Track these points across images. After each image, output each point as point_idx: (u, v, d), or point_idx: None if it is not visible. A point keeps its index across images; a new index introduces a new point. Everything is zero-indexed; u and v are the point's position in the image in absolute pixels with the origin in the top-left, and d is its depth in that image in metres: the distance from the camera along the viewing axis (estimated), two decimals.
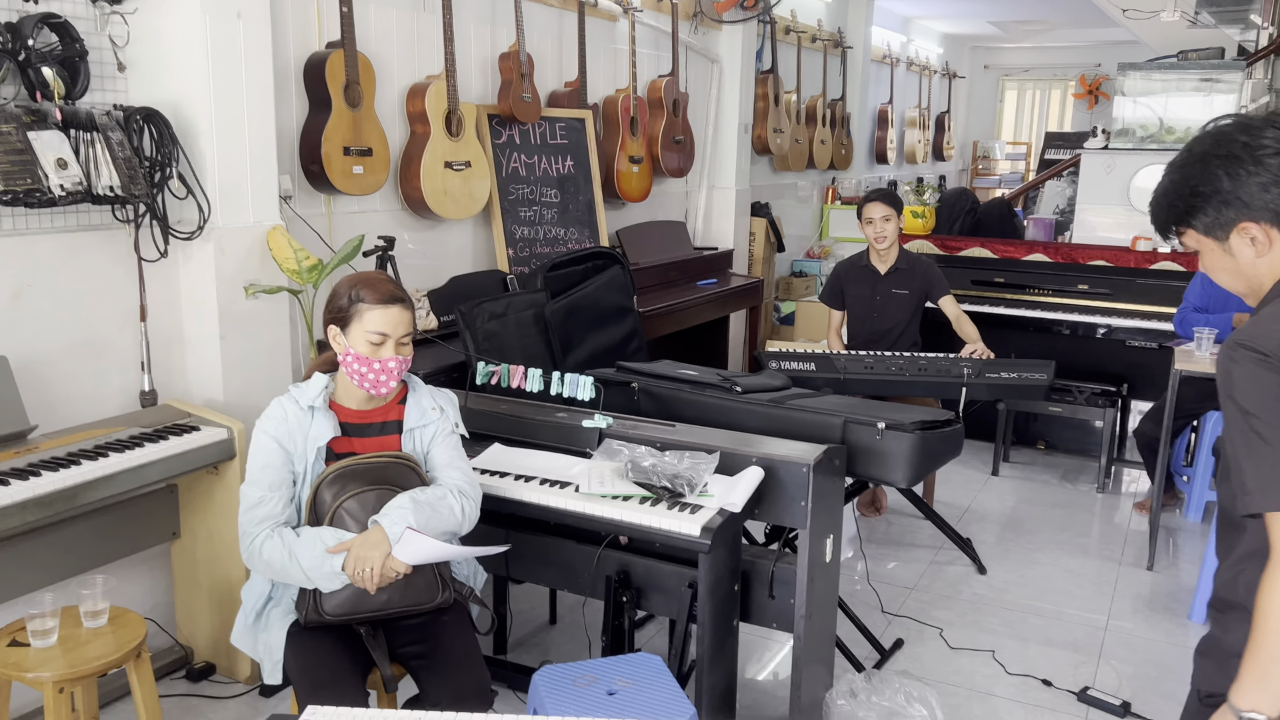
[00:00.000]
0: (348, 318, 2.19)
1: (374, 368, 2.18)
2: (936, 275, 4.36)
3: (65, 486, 2.40)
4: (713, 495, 2.47)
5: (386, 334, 2.17)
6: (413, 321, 2.24)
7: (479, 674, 2.15)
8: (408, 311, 2.22)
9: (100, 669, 2.19)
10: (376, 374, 2.18)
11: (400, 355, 2.20)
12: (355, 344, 2.18)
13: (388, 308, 2.18)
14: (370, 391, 2.22)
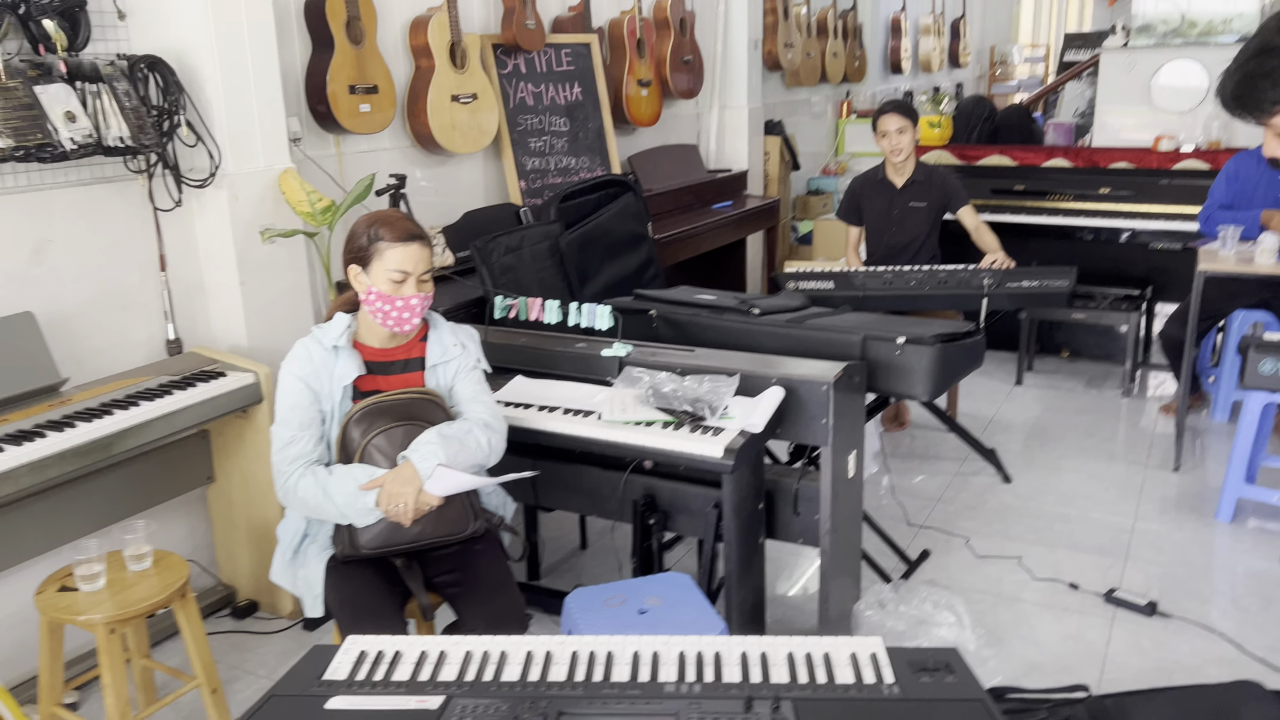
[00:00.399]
0: (368, 256, 2.20)
1: (396, 305, 2.20)
2: (954, 186, 4.31)
3: (100, 436, 2.45)
4: (734, 417, 2.49)
5: (407, 271, 2.18)
6: (431, 257, 2.25)
7: (513, 599, 2.21)
8: (426, 248, 2.23)
9: (148, 609, 2.27)
10: (399, 311, 2.20)
11: (421, 292, 2.22)
12: (377, 282, 2.19)
13: (407, 245, 2.19)
14: (394, 329, 2.24)
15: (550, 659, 1.50)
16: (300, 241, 3.19)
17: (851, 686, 1.39)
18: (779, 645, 1.52)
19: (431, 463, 2.12)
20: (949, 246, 4.47)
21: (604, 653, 1.52)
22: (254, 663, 2.90)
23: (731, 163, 5.99)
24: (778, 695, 1.34)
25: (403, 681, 1.45)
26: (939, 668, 1.43)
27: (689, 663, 1.48)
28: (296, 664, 1.52)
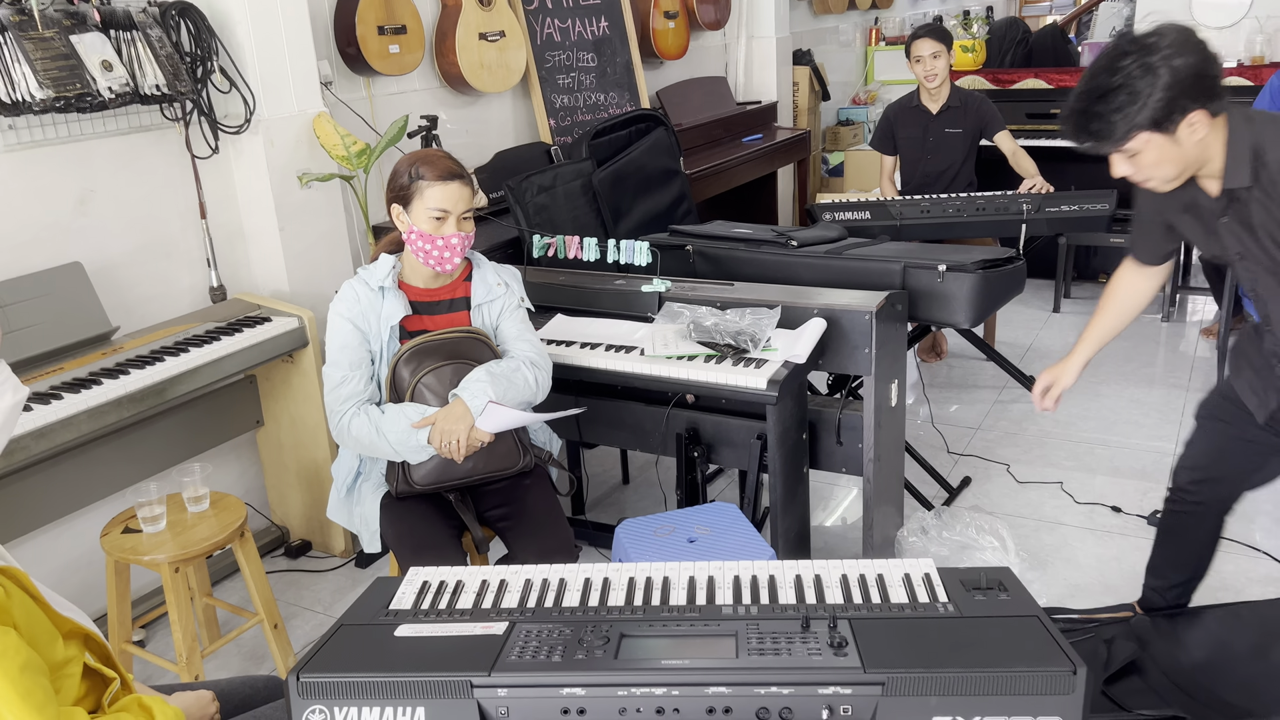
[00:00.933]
0: (409, 195, 2.21)
1: (438, 244, 2.21)
2: (990, 111, 4.23)
3: (154, 382, 2.50)
4: (776, 349, 2.50)
5: (447, 210, 2.19)
6: (473, 196, 2.25)
7: (563, 531, 2.25)
8: (467, 187, 2.23)
9: (209, 549, 2.33)
10: (440, 250, 2.22)
11: (462, 231, 2.23)
12: (418, 221, 2.21)
13: (447, 184, 2.19)
14: (436, 268, 2.26)
15: (608, 585, 1.54)
16: (336, 185, 3.20)
17: (906, 606, 1.41)
18: (832, 568, 1.55)
19: (482, 400, 2.15)
20: (985, 173, 4.41)
21: (660, 578, 1.56)
22: (310, 599, 2.98)
23: (760, 94, 5.91)
24: (834, 615, 1.37)
25: (466, 609, 1.49)
26: (992, 586, 1.45)
27: (744, 586, 1.51)
28: (361, 595, 1.57)
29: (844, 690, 1.24)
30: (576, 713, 1.27)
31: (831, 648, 1.29)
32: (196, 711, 1.65)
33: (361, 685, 1.30)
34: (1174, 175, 1.85)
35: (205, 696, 1.68)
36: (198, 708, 1.65)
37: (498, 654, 1.33)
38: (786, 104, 6.10)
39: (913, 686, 1.23)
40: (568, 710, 1.27)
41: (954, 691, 1.22)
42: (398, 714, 1.29)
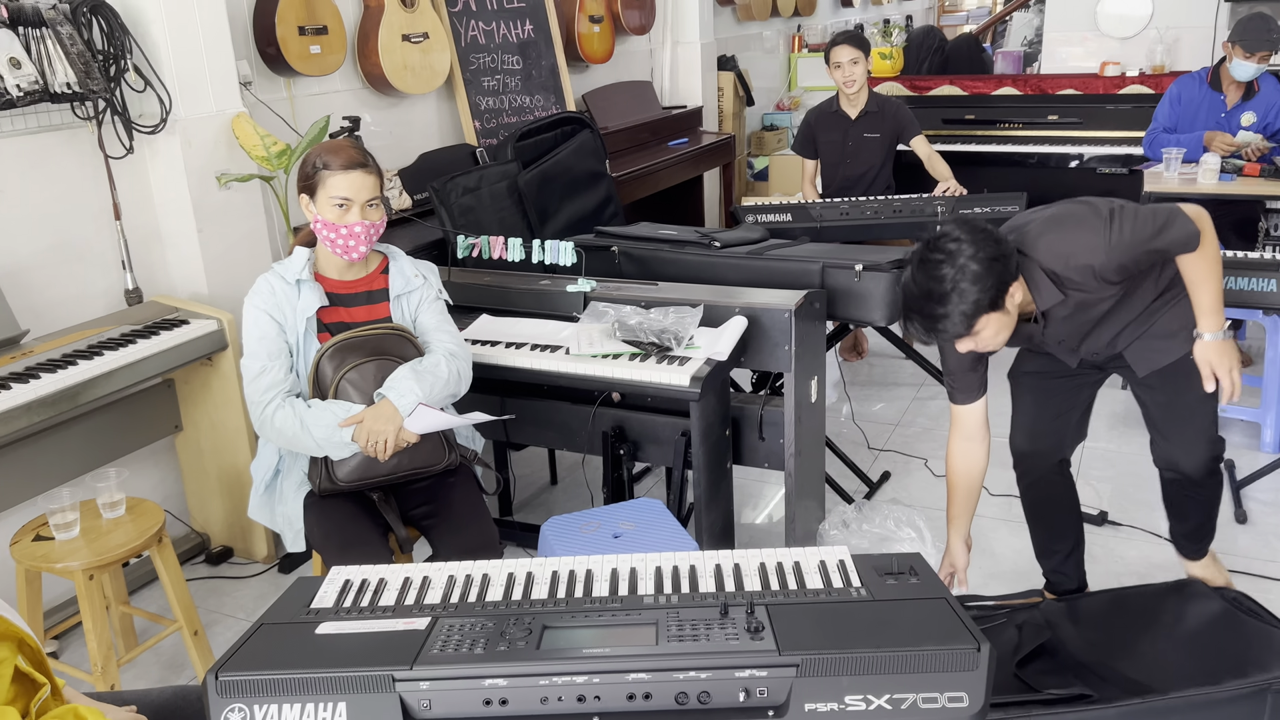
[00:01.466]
0: (314, 185, 2.21)
1: (341, 232, 2.20)
2: (907, 116, 4.34)
3: (66, 386, 2.44)
4: (699, 347, 2.55)
5: (350, 198, 2.19)
6: (378, 185, 2.25)
7: (487, 529, 2.26)
8: (371, 175, 2.23)
9: (124, 555, 2.29)
10: (345, 239, 2.21)
11: (367, 220, 2.22)
12: (323, 210, 2.20)
13: (349, 172, 2.19)
14: (343, 256, 2.25)
15: (532, 579, 1.56)
16: (257, 186, 3.16)
17: (821, 591, 1.46)
18: (751, 557, 1.59)
19: (411, 400, 2.16)
20: (902, 177, 4.53)
21: (583, 571, 1.58)
22: (232, 606, 2.93)
23: (686, 99, 5.97)
24: (751, 601, 1.40)
25: (389, 606, 1.50)
26: (903, 571, 1.51)
27: (666, 577, 1.54)
28: (282, 595, 1.56)
29: (760, 673, 1.27)
30: (499, 703, 1.28)
31: (748, 632, 1.33)
32: None
33: (282, 683, 1.29)
34: (1007, 336, 2.11)
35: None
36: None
37: (420, 648, 1.34)
38: (712, 109, 6.18)
39: (826, 667, 1.27)
40: (490, 701, 1.28)
41: (865, 671, 1.27)
42: (319, 710, 1.29)
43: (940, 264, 1.98)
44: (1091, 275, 2.08)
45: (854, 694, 1.26)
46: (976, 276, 1.96)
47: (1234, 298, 3.09)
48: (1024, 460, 2.52)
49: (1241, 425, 3.76)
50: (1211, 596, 2.38)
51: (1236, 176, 3.97)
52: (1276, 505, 3.22)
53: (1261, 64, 3.99)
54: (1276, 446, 3.57)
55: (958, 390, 2.33)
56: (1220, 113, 4.21)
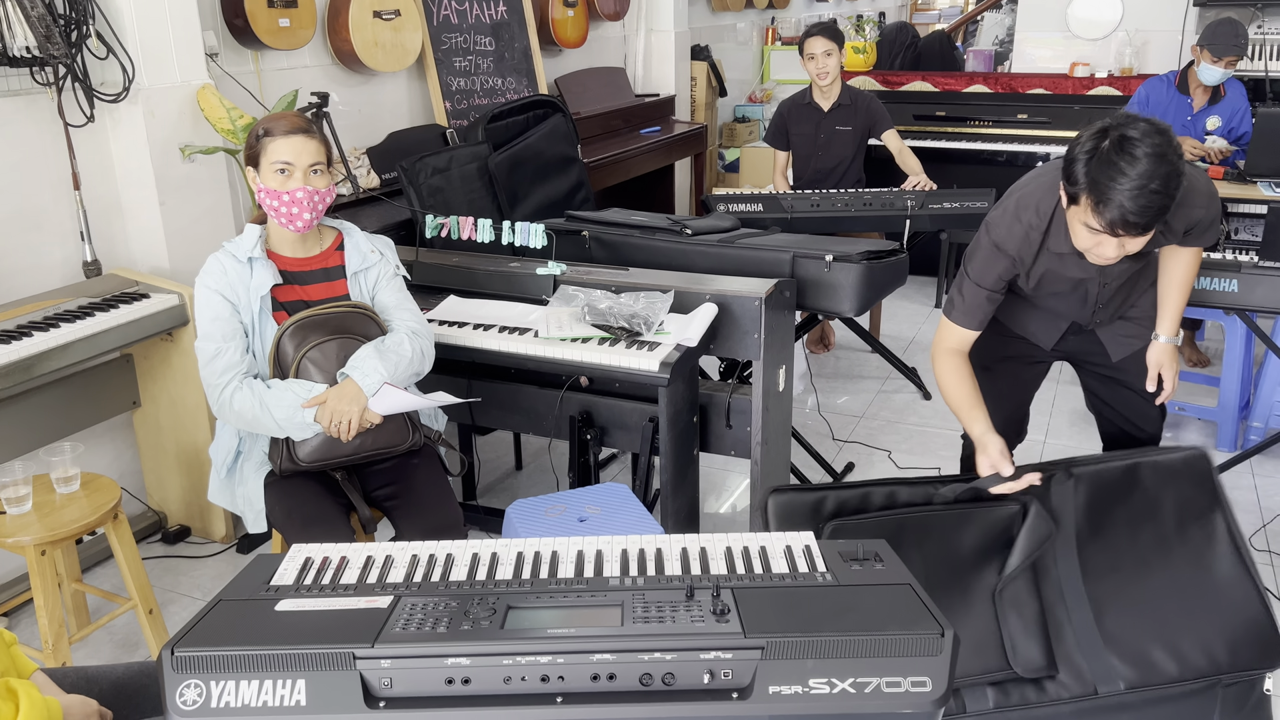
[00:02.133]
0: (257, 154, 2.18)
1: (283, 199, 2.16)
2: (879, 110, 4.36)
3: (20, 358, 2.39)
4: (669, 333, 2.54)
5: (290, 162, 2.14)
6: (322, 152, 2.20)
7: (451, 510, 2.24)
8: (314, 140, 2.18)
9: (78, 531, 2.24)
10: (288, 205, 2.17)
11: (310, 185, 2.16)
12: (265, 178, 2.17)
13: (290, 137, 2.15)
14: (287, 226, 2.20)
15: (496, 560, 1.54)
16: (221, 160, 3.10)
17: (787, 575, 1.46)
18: (717, 541, 1.58)
19: (376, 379, 2.13)
20: (872, 171, 4.54)
21: (549, 552, 1.56)
22: (188, 585, 2.89)
23: (659, 87, 5.95)
24: (718, 584, 1.40)
25: (350, 584, 1.47)
26: (868, 557, 1.51)
27: (631, 559, 1.53)
28: (242, 571, 1.53)
29: (725, 655, 1.27)
30: (461, 682, 1.27)
31: (714, 615, 1.32)
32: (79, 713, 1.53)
33: (239, 659, 1.27)
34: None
35: (90, 705, 1.57)
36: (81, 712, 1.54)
37: (382, 626, 1.32)
38: (684, 98, 6.17)
39: (790, 650, 1.27)
40: (452, 680, 1.27)
41: (829, 654, 1.27)
42: (277, 687, 1.27)
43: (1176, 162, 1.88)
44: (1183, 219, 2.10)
45: (818, 677, 1.26)
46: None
47: (1195, 297, 3.13)
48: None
49: (1198, 424, 3.82)
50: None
51: None
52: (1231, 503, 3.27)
53: (1229, 69, 4.05)
54: (1232, 445, 3.63)
55: (966, 313, 2.24)
56: (1186, 115, 4.26)
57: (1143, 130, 1.87)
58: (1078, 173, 1.89)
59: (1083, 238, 1.97)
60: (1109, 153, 1.86)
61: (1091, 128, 1.92)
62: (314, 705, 1.26)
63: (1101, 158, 1.86)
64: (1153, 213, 1.87)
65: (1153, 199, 1.85)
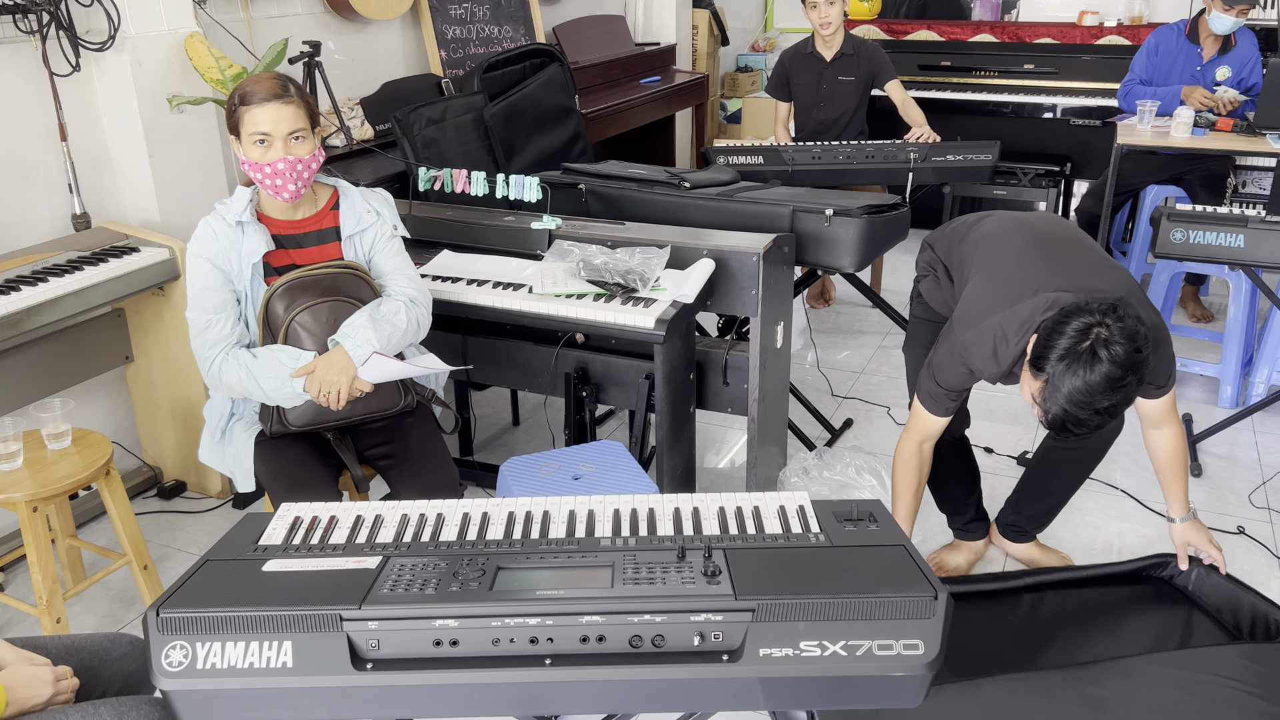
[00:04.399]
0: (236, 123, 2.10)
1: (265, 171, 2.08)
2: (882, 60, 4.28)
3: (8, 313, 2.35)
4: (665, 289, 2.50)
5: (268, 133, 2.05)
6: (303, 117, 2.10)
7: (447, 469, 2.22)
8: (292, 105, 2.07)
9: (70, 487, 2.23)
10: (270, 178, 2.09)
11: (292, 155, 2.08)
12: (246, 150, 2.09)
13: (265, 105, 2.05)
14: (274, 196, 2.13)
15: (487, 519, 1.53)
16: (211, 111, 3.04)
17: (779, 536, 1.44)
18: (710, 501, 1.56)
19: (366, 349, 2.09)
20: (875, 122, 4.47)
21: (540, 512, 1.55)
22: (184, 540, 2.89)
23: (660, 36, 5.85)
24: (709, 545, 1.38)
25: (339, 544, 1.46)
26: (863, 517, 1.49)
27: (624, 519, 1.51)
28: (230, 531, 1.52)
29: (715, 617, 1.26)
30: (449, 644, 1.26)
31: (705, 576, 1.31)
32: (25, 691, 1.44)
33: (225, 620, 1.26)
34: None
35: (43, 676, 1.47)
36: (27, 687, 1.45)
37: (369, 587, 1.30)
38: (685, 47, 6.06)
39: (781, 612, 1.25)
40: (440, 642, 1.26)
41: (821, 616, 1.25)
42: (264, 649, 1.25)
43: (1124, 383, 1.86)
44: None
45: (809, 639, 1.25)
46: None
47: (1200, 252, 3.09)
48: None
49: (1201, 380, 3.80)
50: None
51: (1209, 131, 3.96)
52: (1231, 460, 3.26)
53: (1240, 17, 3.96)
54: (1234, 402, 3.61)
55: (943, 406, 2.25)
56: (1196, 65, 4.18)
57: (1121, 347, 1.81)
58: (1049, 358, 1.87)
59: (1026, 393, 1.98)
60: (1083, 355, 1.83)
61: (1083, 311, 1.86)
62: (300, 666, 1.25)
63: (1073, 358, 1.84)
64: (1091, 428, 1.91)
65: (1094, 418, 1.87)
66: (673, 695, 1.29)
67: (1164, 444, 2.24)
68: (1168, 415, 2.19)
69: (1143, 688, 1.90)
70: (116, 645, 1.65)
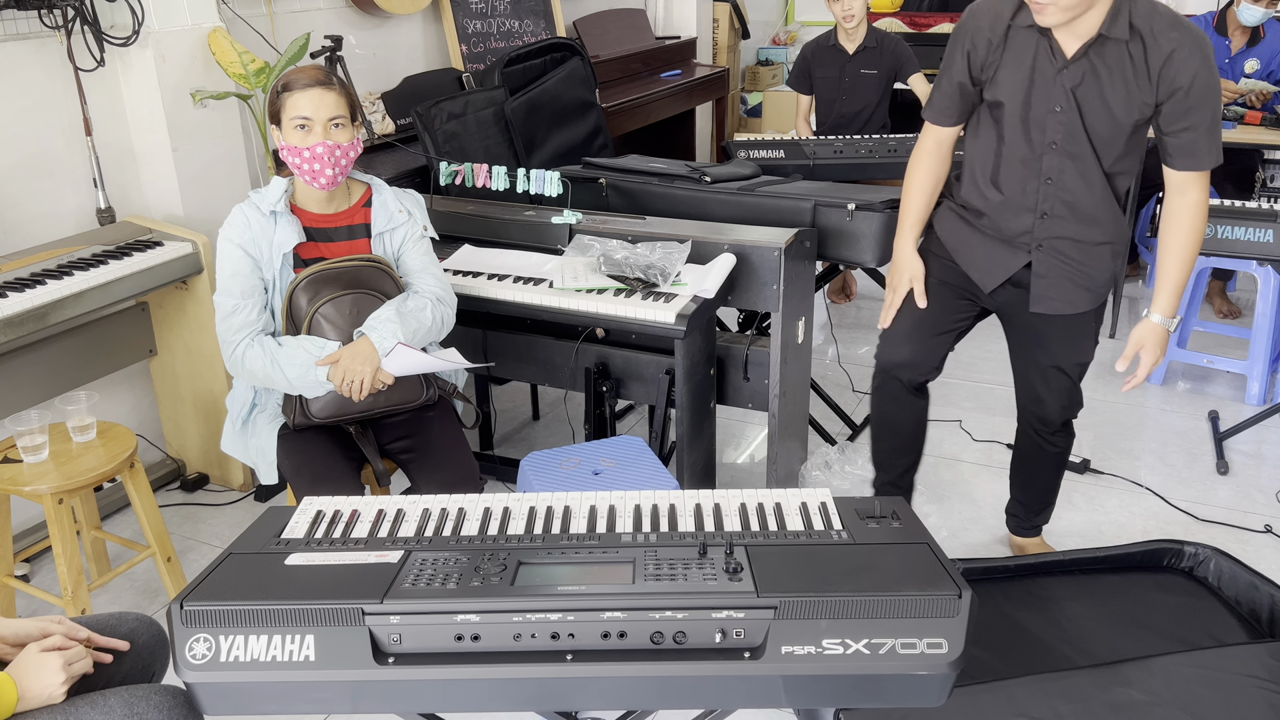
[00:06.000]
0: (278, 110, 2.13)
1: (304, 155, 2.11)
2: (906, 53, 4.24)
3: (34, 306, 2.37)
4: (686, 284, 2.49)
5: (310, 117, 2.09)
6: (344, 105, 2.14)
7: (467, 463, 2.22)
8: (333, 92, 2.12)
9: (94, 479, 2.24)
10: (310, 162, 2.12)
11: (331, 140, 2.11)
12: (287, 135, 2.12)
13: (308, 90, 2.10)
14: (311, 183, 2.16)
15: (508, 514, 1.53)
16: (234, 105, 3.05)
17: (802, 533, 1.43)
18: (731, 497, 1.56)
19: (391, 341, 2.10)
20: (897, 116, 4.44)
21: (561, 508, 1.55)
22: (207, 533, 2.91)
23: (680, 29, 5.83)
24: (731, 542, 1.38)
25: (361, 538, 1.47)
26: (885, 514, 1.48)
27: (645, 515, 1.51)
28: (252, 524, 1.53)
29: (737, 614, 1.25)
30: (470, 638, 1.26)
31: (727, 573, 1.30)
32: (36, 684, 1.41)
33: (249, 613, 1.26)
34: (1075, 3, 1.95)
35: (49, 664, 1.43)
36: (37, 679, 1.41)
37: (391, 582, 1.31)
38: (706, 41, 6.04)
39: (804, 610, 1.25)
40: (461, 636, 1.26)
41: (844, 615, 1.25)
42: (286, 642, 1.26)
43: None
44: (1163, 58, 1.97)
45: (831, 638, 1.24)
46: None
47: (1228, 247, 3.06)
48: (894, 370, 2.40)
49: (1227, 378, 3.75)
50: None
51: (1237, 124, 3.91)
52: (1258, 457, 3.22)
53: (1270, 9, 3.90)
54: (1261, 399, 3.57)
55: (943, 112, 2.28)
56: (1224, 57, 4.13)
57: None
58: None
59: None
60: None
61: None
62: (323, 660, 1.25)
63: None
64: None
65: None
66: (694, 692, 1.28)
67: (1182, 215, 2.12)
68: (1195, 182, 2.10)
69: (1174, 689, 1.88)
70: (123, 622, 1.66)
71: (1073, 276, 2.24)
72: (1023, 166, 2.18)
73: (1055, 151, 2.13)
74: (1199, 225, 2.14)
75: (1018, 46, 2.11)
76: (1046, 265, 2.24)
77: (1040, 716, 1.83)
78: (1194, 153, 2.07)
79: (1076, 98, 2.07)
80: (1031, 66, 2.09)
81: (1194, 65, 1.98)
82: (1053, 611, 2.27)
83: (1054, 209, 2.19)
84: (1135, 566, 2.39)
